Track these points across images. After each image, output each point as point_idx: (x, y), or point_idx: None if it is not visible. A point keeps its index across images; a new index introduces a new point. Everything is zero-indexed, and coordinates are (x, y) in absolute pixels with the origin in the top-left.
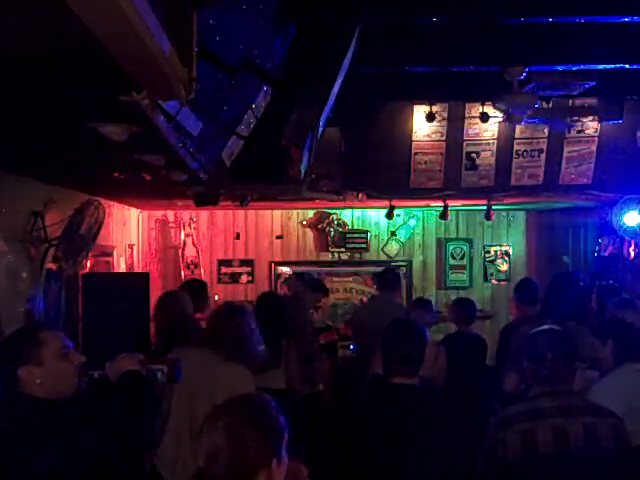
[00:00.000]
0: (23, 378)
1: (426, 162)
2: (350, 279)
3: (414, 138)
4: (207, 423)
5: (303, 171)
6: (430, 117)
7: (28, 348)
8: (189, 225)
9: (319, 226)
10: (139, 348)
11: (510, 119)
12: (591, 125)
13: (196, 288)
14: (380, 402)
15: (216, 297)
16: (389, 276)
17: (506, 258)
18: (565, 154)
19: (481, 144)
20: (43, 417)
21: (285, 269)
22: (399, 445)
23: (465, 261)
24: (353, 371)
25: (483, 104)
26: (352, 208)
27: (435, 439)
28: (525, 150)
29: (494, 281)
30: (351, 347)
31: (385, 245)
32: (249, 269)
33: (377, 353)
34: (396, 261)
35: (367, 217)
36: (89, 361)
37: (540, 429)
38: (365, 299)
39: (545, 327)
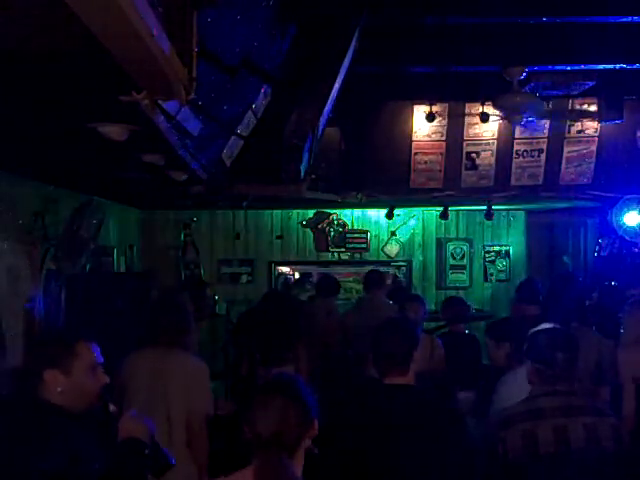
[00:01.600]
0: (47, 381)
1: (426, 162)
2: (350, 279)
3: (414, 138)
4: (260, 403)
5: (303, 171)
6: (430, 117)
7: (62, 354)
8: (189, 225)
9: (319, 226)
10: (136, 349)
11: (510, 119)
12: (591, 125)
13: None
14: (375, 404)
15: (216, 297)
16: (374, 276)
17: (506, 258)
18: (565, 154)
19: (481, 144)
20: (52, 422)
21: (285, 269)
22: (396, 447)
23: (465, 261)
24: (347, 372)
25: (483, 104)
26: (352, 208)
27: (433, 439)
28: (525, 150)
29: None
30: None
31: (385, 245)
32: (249, 269)
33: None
34: (396, 261)
35: (367, 217)
36: None
37: (541, 429)
38: None
39: (548, 326)
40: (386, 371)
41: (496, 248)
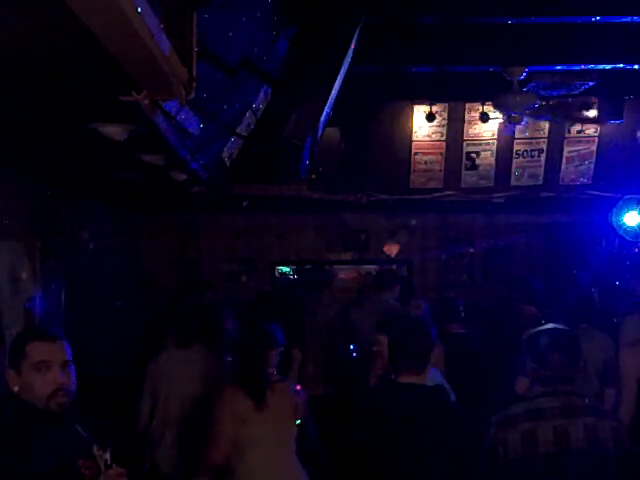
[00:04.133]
0: (8, 380)
1: (426, 162)
2: (350, 279)
3: (414, 138)
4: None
5: (303, 171)
6: (430, 117)
7: (15, 354)
8: (189, 225)
9: (319, 226)
10: (138, 347)
11: (510, 119)
12: (591, 125)
13: None
14: (389, 403)
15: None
16: (382, 276)
17: (506, 258)
18: (565, 154)
19: (481, 144)
20: (28, 419)
21: (285, 269)
22: (408, 447)
23: (465, 261)
24: (353, 370)
25: (483, 104)
26: (352, 208)
27: (446, 437)
28: (525, 150)
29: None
30: (351, 347)
31: (385, 245)
32: (249, 269)
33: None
34: (396, 261)
35: (367, 217)
36: (90, 360)
37: (541, 429)
38: None
39: (549, 326)
40: (403, 370)
41: (496, 248)
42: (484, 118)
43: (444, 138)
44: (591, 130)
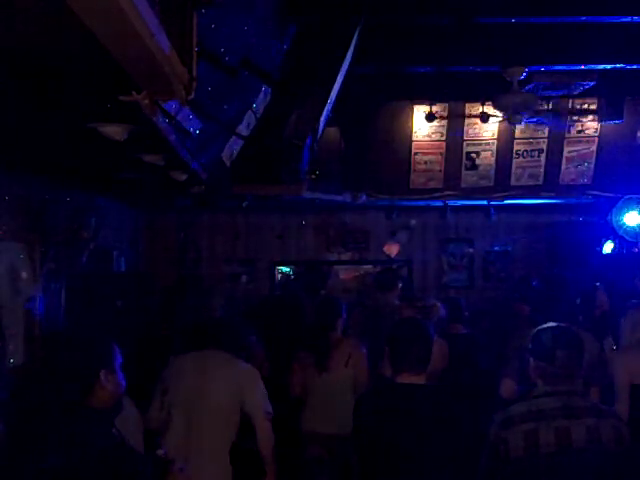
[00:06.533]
0: (102, 381)
1: (426, 162)
2: (350, 279)
3: (414, 138)
4: None
5: (303, 171)
6: (430, 117)
7: (108, 355)
8: (189, 225)
9: (319, 226)
10: (139, 347)
11: (510, 119)
12: (591, 125)
13: None
14: (389, 403)
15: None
16: (384, 277)
17: (506, 258)
18: (565, 154)
19: (481, 144)
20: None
21: (285, 269)
22: (407, 446)
23: (465, 261)
24: None
25: (483, 104)
26: (352, 208)
27: (444, 439)
28: (525, 150)
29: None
30: None
31: (385, 245)
32: (249, 269)
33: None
34: (396, 261)
35: (367, 217)
36: None
37: (542, 429)
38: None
39: (551, 324)
40: (401, 370)
41: (496, 248)
42: (484, 118)
43: (444, 138)
44: (591, 130)
